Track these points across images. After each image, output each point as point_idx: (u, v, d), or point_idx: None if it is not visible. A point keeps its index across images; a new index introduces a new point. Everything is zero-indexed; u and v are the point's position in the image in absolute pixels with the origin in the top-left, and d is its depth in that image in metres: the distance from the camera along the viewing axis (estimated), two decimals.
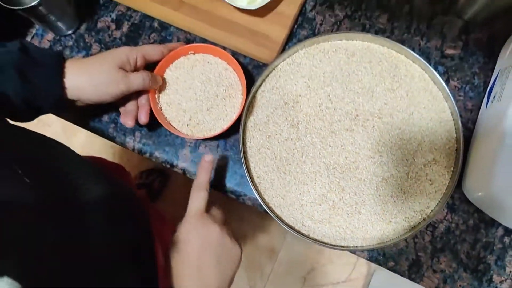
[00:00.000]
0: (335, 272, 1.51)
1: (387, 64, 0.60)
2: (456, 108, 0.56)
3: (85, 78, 0.51)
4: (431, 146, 0.58)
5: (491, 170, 0.51)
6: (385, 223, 0.57)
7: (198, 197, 0.50)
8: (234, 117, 0.57)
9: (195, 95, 0.59)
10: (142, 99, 0.58)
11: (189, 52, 0.60)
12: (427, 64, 0.58)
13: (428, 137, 0.58)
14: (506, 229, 0.58)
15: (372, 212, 0.57)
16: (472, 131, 0.59)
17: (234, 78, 0.60)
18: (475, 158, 0.56)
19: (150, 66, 0.58)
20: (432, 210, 0.56)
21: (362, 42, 0.61)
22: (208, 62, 0.60)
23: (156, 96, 0.59)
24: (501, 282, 0.57)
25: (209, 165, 0.53)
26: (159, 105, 0.59)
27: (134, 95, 0.57)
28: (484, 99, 0.59)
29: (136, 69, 0.56)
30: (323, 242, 0.57)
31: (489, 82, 0.60)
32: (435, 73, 0.57)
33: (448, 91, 0.57)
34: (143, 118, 0.57)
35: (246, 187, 0.60)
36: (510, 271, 0.57)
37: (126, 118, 0.56)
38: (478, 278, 0.57)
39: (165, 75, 0.60)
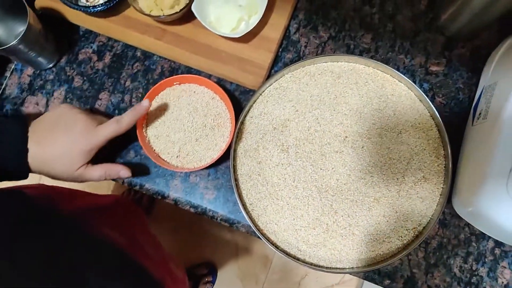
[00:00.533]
0: (328, 276, 1.52)
1: (373, 84, 0.61)
2: (442, 125, 0.57)
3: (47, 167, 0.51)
4: (420, 164, 0.58)
5: (480, 186, 0.52)
6: (379, 243, 0.57)
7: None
8: (223, 146, 0.57)
9: (183, 126, 0.59)
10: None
11: (175, 83, 0.59)
12: (412, 83, 0.58)
13: (417, 155, 0.59)
14: (496, 241, 0.59)
15: (366, 233, 0.57)
16: (459, 147, 0.60)
17: (221, 107, 0.59)
18: (463, 174, 0.57)
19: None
20: (424, 227, 0.57)
21: (347, 63, 0.62)
22: (194, 92, 0.60)
23: (144, 129, 0.58)
24: None
25: (143, 110, 0.54)
26: (147, 139, 0.59)
27: None
28: (470, 115, 0.60)
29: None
30: (319, 266, 0.57)
31: (473, 97, 0.61)
32: (421, 91, 0.58)
33: (434, 108, 0.58)
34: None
35: (239, 215, 0.60)
36: (502, 282, 0.58)
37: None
38: None
39: (151, 108, 0.59)
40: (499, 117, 0.50)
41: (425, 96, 0.58)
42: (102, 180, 0.55)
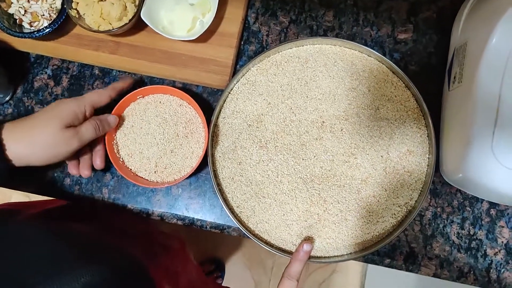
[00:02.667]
0: None
1: (343, 63, 0.59)
2: (419, 94, 0.55)
3: (30, 146, 0.47)
4: (402, 138, 0.57)
5: (465, 151, 0.50)
6: (373, 224, 0.56)
7: (288, 286, 0.50)
8: (201, 152, 0.55)
9: (155, 140, 0.56)
10: (97, 146, 0.55)
11: (138, 97, 0.57)
12: (382, 56, 0.56)
13: (398, 128, 0.57)
14: (490, 202, 0.58)
15: (358, 216, 0.56)
16: (439, 114, 0.58)
17: (191, 113, 0.57)
18: (447, 142, 0.55)
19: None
20: (416, 201, 0.56)
21: (313, 45, 0.59)
22: (160, 102, 0.57)
23: (115, 150, 0.56)
24: (495, 254, 0.57)
25: (306, 256, 0.52)
26: (121, 159, 0.56)
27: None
28: (445, 80, 0.58)
29: (85, 119, 0.52)
30: (317, 257, 0.56)
31: (447, 60, 0.59)
32: (392, 63, 0.56)
33: (408, 79, 0.56)
34: (99, 163, 0.54)
35: (228, 219, 0.59)
36: (502, 242, 0.57)
37: (83, 168, 0.53)
38: (473, 255, 0.58)
39: (118, 126, 0.57)
40: (474, 79, 0.49)
41: (397, 67, 0.56)
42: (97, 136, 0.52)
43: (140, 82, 0.61)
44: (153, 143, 0.56)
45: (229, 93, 0.59)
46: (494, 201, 0.56)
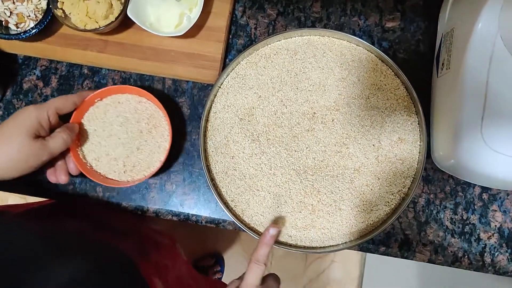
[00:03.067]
0: None
1: (332, 53, 0.59)
2: (408, 82, 0.56)
3: None
4: (393, 126, 0.57)
5: (455, 138, 0.51)
6: (367, 213, 0.57)
7: (255, 271, 0.49)
8: (167, 145, 0.55)
9: (119, 140, 0.57)
10: (68, 153, 0.54)
11: (96, 101, 0.57)
12: (370, 45, 0.56)
13: (388, 117, 0.57)
14: (483, 187, 0.59)
15: (352, 206, 0.56)
16: (430, 101, 0.59)
17: (151, 108, 0.57)
18: (438, 129, 0.56)
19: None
20: (409, 188, 0.56)
21: (301, 37, 0.59)
22: (119, 102, 0.57)
23: (81, 156, 0.56)
24: (489, 238, 0.58)
25: (272, 239, 0.51)
26: (88, 164, 0.56)
27: None
28: (434, 67, 0.58)
29: (52, 127, 0.51)
30: (313, 247, 0.57)
31: (435, 47, 0.59)
32: (380, 51, 0.56)
33: (397, 67, 0.56)
34: (74, 168, 0.53)
35: (223, 213, 0.59)
36: (495, 225, 0.58)
37: (60, 174, 0.52)
38: (467, 239, 0.58)
39: (80, 133, 0.57)
40: (462, 65, 0.49)
41: (386, 56, 0.56)
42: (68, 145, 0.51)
43: (129, 80, 0.61)
44: (118, 144, 0.56)
45: (219, 87, 0.59)
46: (485, 185, 0.56)
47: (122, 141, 0.56)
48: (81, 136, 0.56)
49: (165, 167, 0.60)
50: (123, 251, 0.54)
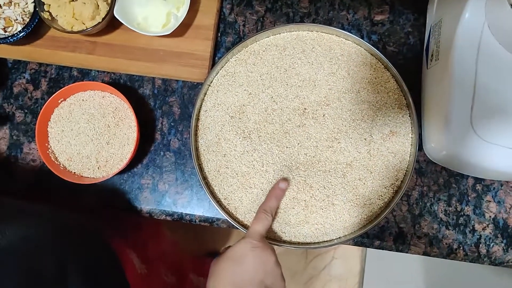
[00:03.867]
0: None
1: (321, 48, 0.58)
2: (398, 75, 0.55)
3: None
4: (385, 119, 0.57)
5: (446, 129, 0.51)
6: (360, 207, 0.56)
7: (262, 220, 0.49)
8: (135, 135, 0.56)
9: (88, 137, 0.57)
10: None
11: (59, 101, 0.57)
12: (359, 38, 0.56)
13: (379, 110, 0.57)
14: (476, 178, 0.58)
15: (345, 200, 0.56)
16: (420, 93, 0.58)
17: (115, 101, 0.58)
18: (429, 120, 0.56)
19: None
20: (402, 181, 0.56)
21: (289, 33, 0.59)
22: (83, 100, 0.58)
23: (53, 158, 0.56)
24: (483, 228, 0.58)
25: (282, 192, 0.52)
26: (61, 166, 0.57)
27: None
28: (423, 58, 0.58)
29: None
30: (307, 243, 0.57)
31: (424, 38, 0.59)
32: (369, 45, 0.56)
33: (386, 60, 0.56)
34: None
35: (217, 211, 0.59)
36: (490, 216, 0.58)
37: None
38: (461, 231, 0.58)
39: (49, 135, 0.57)
40: (450, 56, 0.49)
41: (375, 49, 0.56)
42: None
43: (119, 80, 0.61)
44: (88, 141, 0.57)
45: (209, 86, 0.59)
46: (478, 176, 0.56)
47: (91, 138, 0.57)
48: (50, 138, 0.57)
49: (141, 159, 0.60)
50: (87, 222, 0.54)
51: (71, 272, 0.40)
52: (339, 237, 0.57)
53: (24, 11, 0.56)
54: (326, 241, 0.57)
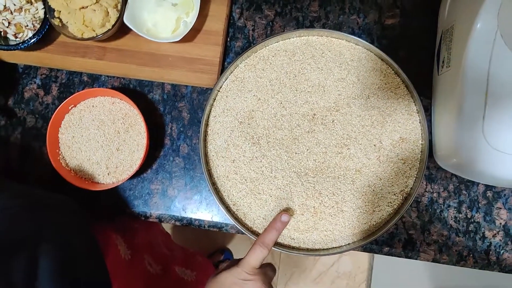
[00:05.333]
0: None
1: (330, 53, 0.58)
2: (409, 81, 0.55)
3: None
4: (394, 125, 0.56)
5: (457, 136, 0.50)
6: (370, 214, 0.56)
7: (258, 253, 0.49)
8: (145, 142, 0.56)
9: (98, 143, 0.58)
10: None
11: (70, 107, 0.58)
12: (369, 44, 0.56)
13: (389, 116, 0.57)
14: (486, 185, 0.58)
15: (354, 207, 0.56)
16: (431, 99, 0.58)
17: (125, 107, 0.58)
18: (439, 127, 0.55)
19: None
20: (411, 188, 0.56)
21: (299, 38, 0.59)
22: (93, 106, 0.58)
23: (64, 165, 0.57)
24: (494, 236, 0.57)
25: (283, 226, 0.51)
26: (72, 172, 0.57)
27: None
28: (434, 64, 0.57)
29: None
30: (316, 249, 0.57)
31: (435, 44, 0.58)
32: (379, 50, 0.55)
33: (396, 65, 0.55)
34: None
35: (226, 217, 0.59)
36: (500, 223, 0.57)
37: None
38: (471, 238, 0.58)
39: (60, 141, 0.58)
40: (462, 63, 0.48)
41: (385, 55, 0.55)
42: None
43: (129, 85, 0.61)
44: (98, 147, 0.58)
45: (218, 91, 0.59)
46: (488, 183, 0.56)
47: (101, 144, 0.57)
48: (60, 145, 0.58)
49: (150, 164, 0.60)
50: (68, 202, 0.53)
51: (42, 250, 0.41)
52: (347, 244, 0.57)
53: (34, 17, 0.56)
54: (335, 247, 0.57)
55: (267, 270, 0.51)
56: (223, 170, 0.58)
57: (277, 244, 0.56)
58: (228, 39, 0.61)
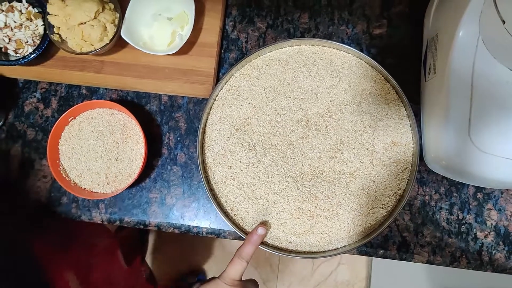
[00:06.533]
0: None
1: (322, 62, 0.60)
2: (398, 86, 0.57)
3: None
4: (386, 129, 0.58)
5: (445, 140, 0.52)
6: (364, 216, 0.58)
7: (237, 266, 0.50)
8: (143, 151, 0.58)
9: (97, 154, 0.59)
10: None
11: (69, 120, 0.59)
12: (359, 52, 0.58)
13: (381, 121, 0.58)
14: (477, 186, 0.60)
15: (349, 210, 0.58)
16: (419, 104, 0.60)
17: (123, 118, 0.60)
18: (428, 131, 0.57)
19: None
20: (404, 190, 0.58)
21: (291, 47, 0.61)
22: (92, 118, 0.60)
23: (64, 175, 0.58)
24: (485, 236, 0.59)
25: (260, 239, 0.53)
26: (72, 182, 0.59)
27: None
28: (421, 71, 0.59)
29: None
30: (312, 252, 0.58)
31: (422, 51, 0.61)
32: (369, 58, 0.58)
33: (386, 72, 0.57)
34: None
35: (224, 223, 0.60)
36: (491, 224, 0.59)
37: None
38: (464, 239, 0.59)
39: (60, 153, 0.59)
40: (447, 69, 0.50)
41: (375, 62, 0.57)
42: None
43: (126, 97, 0.62)
44: (97, 157, 0.59)
45: (215, 100, 0.60)
46: (478, 185, 0.57)
47: (100, 154, 0.59)
48: (60, 156, 0.59)
49: (149, 173, 0.62)
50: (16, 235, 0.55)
51: None
52: (344, 246, 0.58)
53: (34, 34, 0.58)
54: (331, 250, 0.58)
55: (247, 284, 0.53)
56: (221, 176, 0.59)
57: (274, 248, 0.57)
58: (222, 51, 0.63)
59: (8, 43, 0.58)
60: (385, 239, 0.60)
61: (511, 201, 0.59)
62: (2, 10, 0.58)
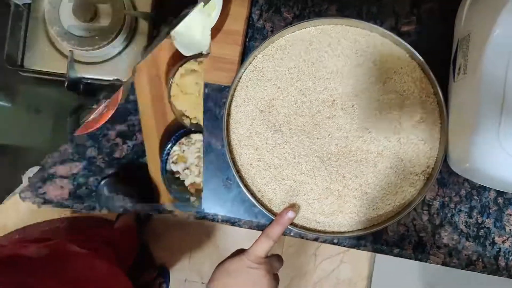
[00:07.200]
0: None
1: (346, 41, 0.60)
2: (425, 63, 0.56)
3: None
4: (412, 107, 0.58)
5: (472, 142, 0.50)
6: (393, 195, 0.57)
7: (264, 244, 0.51)
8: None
9: None
10: None
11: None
12: (385, 30, 0.57)
13: (407, 99, 0.58)
14: (498, 191, 0.59)
15: (378, 189, 0.57)
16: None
17: None
18: (454, 132, 0.55)
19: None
20: (433, 168, 0.57)
21: (315, 27, 0.60)
22: None
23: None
24: (503, 241, 0.58)
25: (289, 222, 0.53)
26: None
27: None
28: (450, 71, 0.58)
29: None
30: (343, 232, 0.57)
31: (451, 51, 0.59)
32: (394, 36, 0.57)
33: (412, 49, 0.56)
34: None
35: (239, 212, 0.61)
36: (510, 229, 0.58)
37: None
38: (481, 243, 0.59)
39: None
40: (478, 70, 0.49)
41: (400, 39, 0.56)
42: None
43: None
44: None
45: (238, 81, 0.60)
46: (501, 189, 0.57)
47: None
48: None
49: None
50: None
51: None
52: (372, 225, 0.57)
53: None
54: (360, 229, 0.57)
55: (272, 261, 0.53)
56: (246, 158, 0.59)
57: (303, 228, 0.57)
58: (247, 40, 0.63)
59: None
60: (401, 238, 0.59)
61: None
62: None
